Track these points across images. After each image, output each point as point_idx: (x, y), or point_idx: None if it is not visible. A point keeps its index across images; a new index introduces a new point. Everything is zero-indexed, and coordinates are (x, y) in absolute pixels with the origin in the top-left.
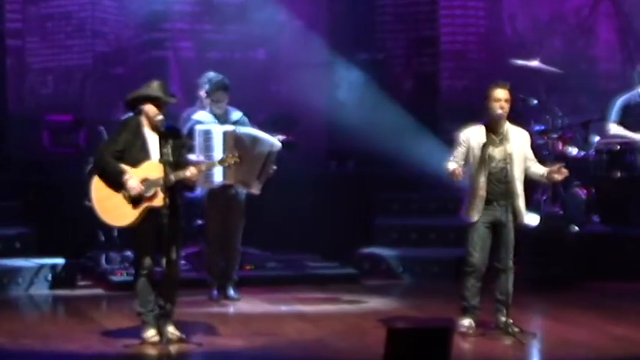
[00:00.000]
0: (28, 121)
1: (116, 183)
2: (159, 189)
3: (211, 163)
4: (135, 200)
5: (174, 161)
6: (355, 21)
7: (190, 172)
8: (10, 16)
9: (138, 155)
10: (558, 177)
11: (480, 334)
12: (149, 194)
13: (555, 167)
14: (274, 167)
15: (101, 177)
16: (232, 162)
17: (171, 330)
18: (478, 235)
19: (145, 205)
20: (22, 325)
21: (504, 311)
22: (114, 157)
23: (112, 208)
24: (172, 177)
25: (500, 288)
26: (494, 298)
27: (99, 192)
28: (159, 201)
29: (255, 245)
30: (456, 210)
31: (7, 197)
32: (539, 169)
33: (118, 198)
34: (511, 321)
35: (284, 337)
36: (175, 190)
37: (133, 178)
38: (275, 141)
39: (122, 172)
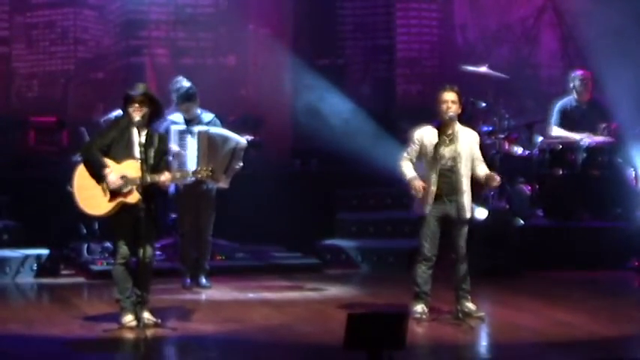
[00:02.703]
0: (15, 122)
1: (97, 175)
2: (135, 187)
3: (185, 172)
4: (112, 194)
5: (155, 164)
6: (317, 29)
7: (165, 177)
8: None
9: (121, 152)
10: (493, 184)
11: (433, 319)
12: (125, 190)
13: (490, 174)
14: (240, 163)
15: (85, 166)
16: (205, 175)
17: (147, 316)
18: (429, 227)
19: (119, 199)
20: (9, 310)
21: (468, 297)
22: (101, 151)
23: (90, 197)
24: (148, 178)
25: (460, 276)
26: (454, 286)
27: (81, 180)
28: (133, 198)
29: (225, 237)
30: (409, 205)
31: None
32: (481, 172)
33: (98, 189)
34: (474, 307)
35: (252, 322)
36: (151, 188)
37: (113, 173)
38: (240, 139)
39: (104, 166)
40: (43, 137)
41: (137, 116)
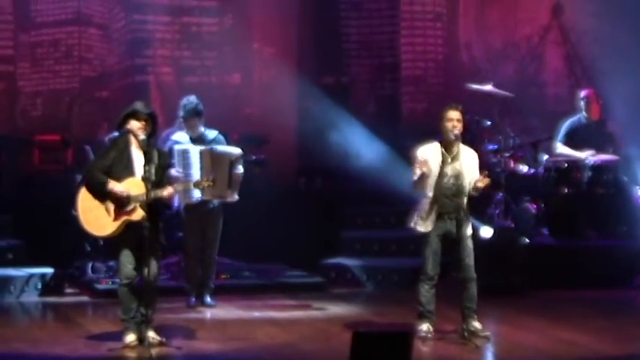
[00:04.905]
0: (20, 141)
1: (101, 194)
2: (138, 204)
3: (187, 184)
4: (116, 213)
5: (157, 180)
6: (322, 48)
7: (167, 191)
8: (2, 43)
9: (123, 171)
10: (481, 185)
11: (438, 339)
12: (129, 208)
13: (480, 177)
14: (240, 172)
15: (87, 189)
16: (206, 185)
17: (152, 335)
18: (431, 246)
19: (124, 218)
20: (14, 330)
21: (474, 316)
22: (102, 172)
23: (94, 219)
24: (152, 194)
25: (468, 297)
26: (462, 306)
27: (84, 203)
28: (137, 215)
29: (229, 256)
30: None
31: (0, 211)
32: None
33: (101, 210)
34: (480, 326)
35: (256, 341)
36: (155, 205)
37: (118, 184)
38: (234, 149)
39: (106, 182)
40: (47, 156)
41: (142, 134)
